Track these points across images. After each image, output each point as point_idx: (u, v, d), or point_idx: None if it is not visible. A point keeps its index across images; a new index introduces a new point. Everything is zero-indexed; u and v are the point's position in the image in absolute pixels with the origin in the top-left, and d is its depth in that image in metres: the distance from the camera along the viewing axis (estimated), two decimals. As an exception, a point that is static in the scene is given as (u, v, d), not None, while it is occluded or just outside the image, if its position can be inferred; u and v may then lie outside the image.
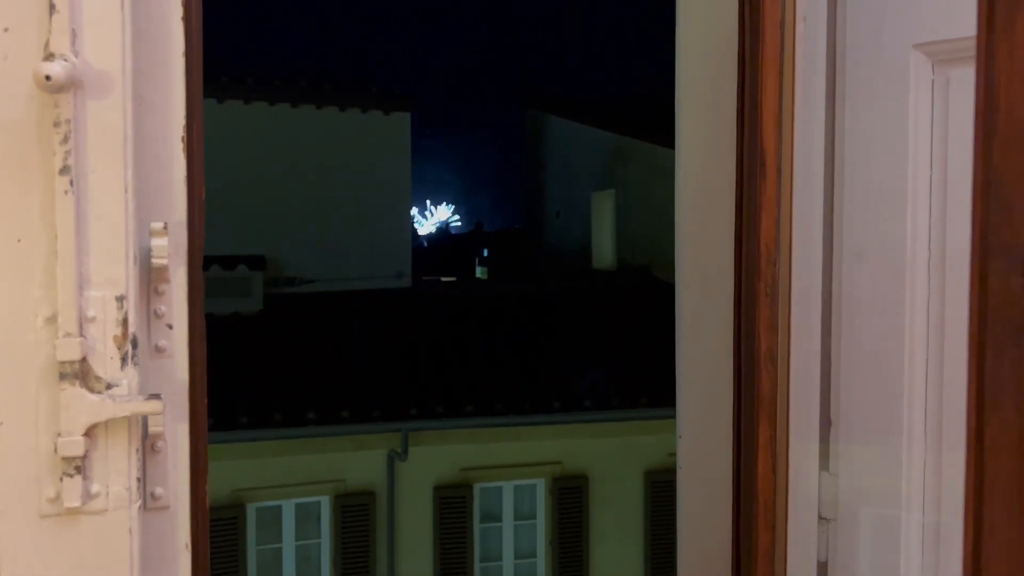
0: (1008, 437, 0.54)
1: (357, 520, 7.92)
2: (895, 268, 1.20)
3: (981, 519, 0.56)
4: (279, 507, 7.84)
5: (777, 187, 1.26)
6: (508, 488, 8.35)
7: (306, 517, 7.92)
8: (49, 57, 0.82)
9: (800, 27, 1.27)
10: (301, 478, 7.79)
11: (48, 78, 0.79)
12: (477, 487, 8.23)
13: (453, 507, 8.14)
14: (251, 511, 7.73)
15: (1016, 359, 0.53)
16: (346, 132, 10.78)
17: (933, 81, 1.18)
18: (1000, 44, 0.56)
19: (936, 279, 1.18)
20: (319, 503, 7.92)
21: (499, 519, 8.35)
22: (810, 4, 1.27)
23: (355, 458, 7.93)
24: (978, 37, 0.58)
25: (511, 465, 8.25)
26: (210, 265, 8.53)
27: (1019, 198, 0.53)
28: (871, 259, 1.24)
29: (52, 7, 0.83)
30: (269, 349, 8.32)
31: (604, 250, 12.68)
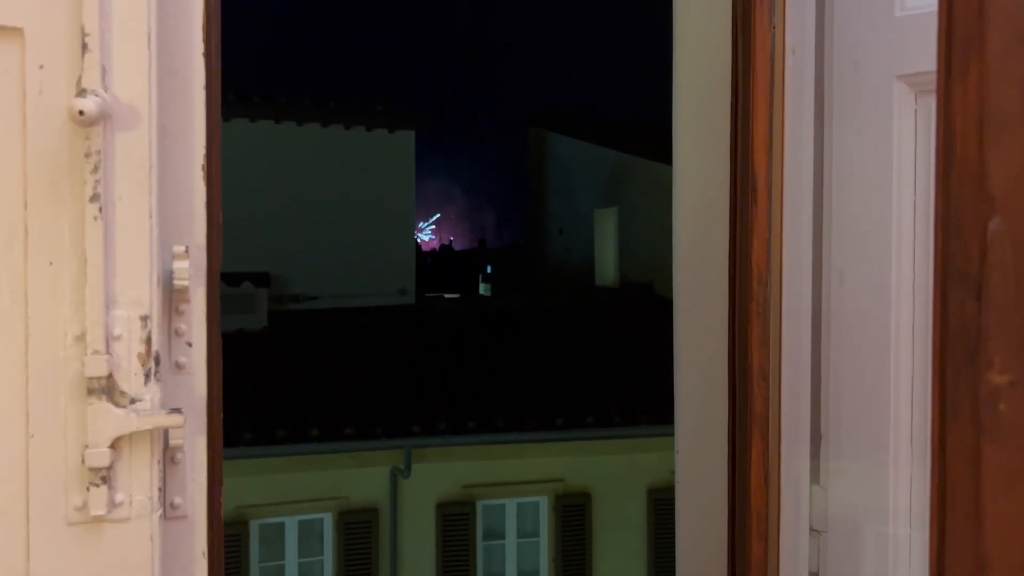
0: (965, 449, 0.59)
1: (360, 537, 7.93)
2: (881, 288, 1.26)
3: (944, 526, 0.61)
4: (282, 524, 7.86)
5: (768, 210, 1.32)
6: (511, 505, 8.36)
7: (309, 534, 7.94)
8: (82, 93, 0.88)
9: (789, 58, 1.33)
10: (304, 495, 7.81)
11: (81, 113, 0.85)
12: (480, 504, 8.24)
13: (456, 524, 8.15)
14: (254, 528, 7.75)
15: (970, 377, 0.58)
16: (351, 150, 10.88)
17: (916, 110, 1.24)
18: (956, 87, 0.62)
19: (921, 298, 1.23)
20: (322, 520, 7.94)
21: (502, 536, 8.36)
22: (799, 37, 1.33)
23: (358, 475, 7.96)
24: (937, 79, 0.64)
25: (514, 482, 8.26)
26: (215, 282, 8.57)
27: (972, 229, 0.59)
28: (858, 279, 1.29)
29: (85, 46, 0.89)
30: (273, 366, 8.36)
31: (607, 267, 12.74)
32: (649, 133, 11.39)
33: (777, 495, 1.35)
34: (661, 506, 8.18)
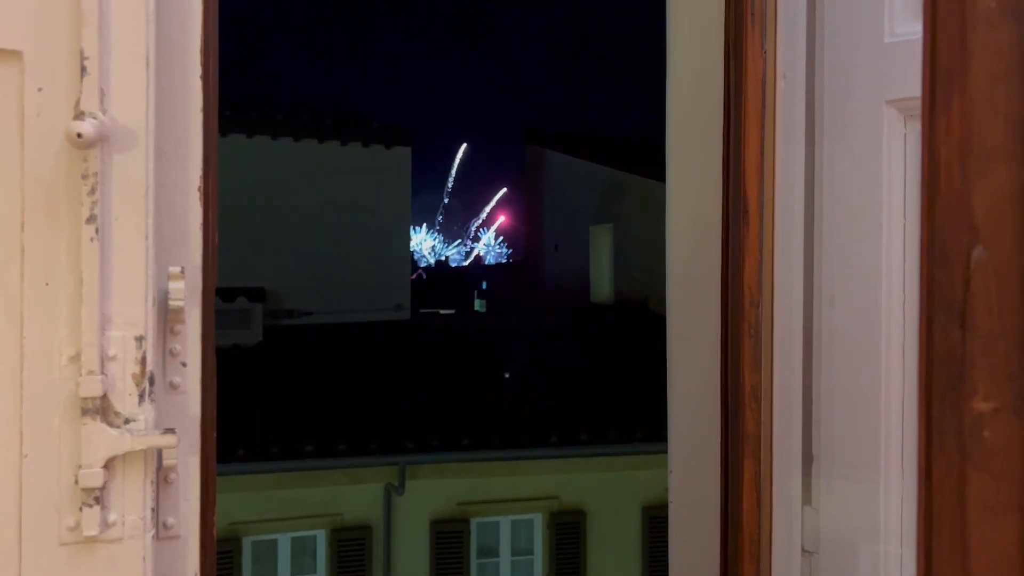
0: (950, 476, 0.59)
1: (353, 554, 7.89)
2: (871, 310, 1.27)
3: (930, 554, 0.62)
4: (275, 541, 7.81)
5: (759, 233, 1.33)
6: (505, 523, 8.32)
7: (302, 551, 7.89)
8: (80, 116, 0.89)
9: (780, 83, 1.34)
10: (297, 511, 7.77)
11: (80, 135, 0.86)
12: (474, 522, 8.21)
13: (450, 542, 8.11)
14: (247, 544, 7.70)
15: (955, 404, 0.59)
16: (347, 166, 10.91)
17: (905, 135, 1.25)
18: (940, 118, 0.63)
19: (911, 320, 1.24)
20: (315, 537, 7.89)
21: (496, 554, 8.31)
22: (790, 61, 1.34)
23: (352, 492, 7.92)
24: (922, 111, 0.65)
25: (508, 500, 8.23)
26: (210, 297, 8.57)
27: (956, 257, 0.60)
28: (849, 301, 1.30)
29: (84, 69, 0.90)
30: (267, 381, 8.34)
31: (602, 284, 12.76)
32: (644, 150, 11.45)
33: (769, 516, 1.35)
34: (656, 523, 8.16)
